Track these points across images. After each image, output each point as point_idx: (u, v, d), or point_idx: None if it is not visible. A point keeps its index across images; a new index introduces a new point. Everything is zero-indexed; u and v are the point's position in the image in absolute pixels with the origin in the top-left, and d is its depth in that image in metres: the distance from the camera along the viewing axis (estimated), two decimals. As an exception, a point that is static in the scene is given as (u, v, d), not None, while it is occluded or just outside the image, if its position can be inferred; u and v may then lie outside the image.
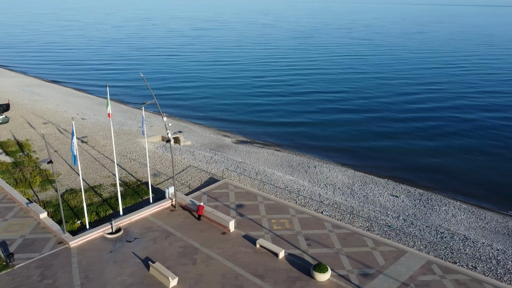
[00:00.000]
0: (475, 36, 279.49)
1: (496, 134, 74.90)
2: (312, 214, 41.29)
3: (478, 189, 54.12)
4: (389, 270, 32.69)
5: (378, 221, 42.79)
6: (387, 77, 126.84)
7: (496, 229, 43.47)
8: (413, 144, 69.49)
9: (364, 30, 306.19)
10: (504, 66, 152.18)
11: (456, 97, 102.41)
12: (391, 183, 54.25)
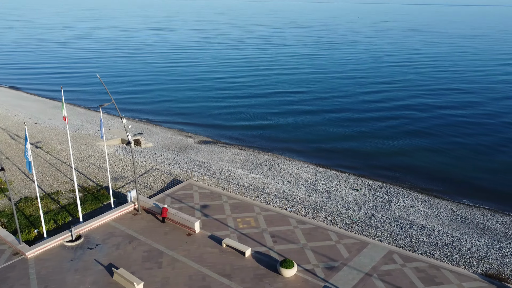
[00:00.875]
0: (427, 34, 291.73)
1: (448, 129, 78.67)
2: (277, 211, 41.70)
3: (433, 180, 56.67)
4: (353, 262, 33.60)
5: (341, 214, 43.86)
6: (345, 76, 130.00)
7: (450, 217, 45.73)
8: (371, 140, 71.70)
9: (322, 29, 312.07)
10: (454, 64, 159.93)
11: (411, 94, 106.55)
12: (352, 177, 55.75)
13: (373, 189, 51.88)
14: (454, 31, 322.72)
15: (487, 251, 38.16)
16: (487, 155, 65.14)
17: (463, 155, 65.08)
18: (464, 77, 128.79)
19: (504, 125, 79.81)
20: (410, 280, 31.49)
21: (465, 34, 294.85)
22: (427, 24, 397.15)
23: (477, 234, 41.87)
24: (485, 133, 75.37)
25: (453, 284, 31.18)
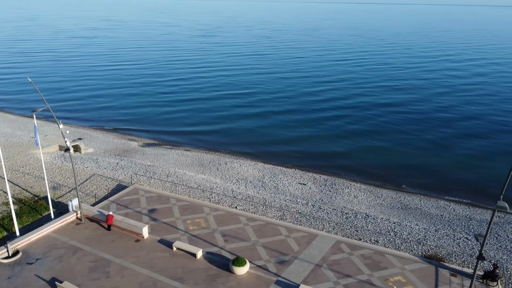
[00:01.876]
0: (363, 32, 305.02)
1: (385, 124, 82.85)
2: (227, 210, 41.66)
3: (374, 170, 59.47)
4: (303, 255, 34.43)
5: (290, 209, 44.74)
6: (288, 75, 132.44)
7: (391, 204, 48.28)
8: (316, 137, 73.76)
9: (264, 28, 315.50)
10: (388, 61, 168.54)
11: (351, 91, 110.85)
12: (298, 172, 57.03)
13: (319, 183, 53.44)
14: (388, 28, 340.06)
15: (425, 234, 40.72)
16: (420, 146, 69.41)
17: (399, 146, 68.89)
18: (399, 73, 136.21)
19: (436, 118, 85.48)
20: (358, 267, 32.84)
21: (398, 31, 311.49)
22: (362, 23, 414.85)
23: (416, 219, 44.56)
24: (419, 126, 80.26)
25: (397, 267, 32.96)
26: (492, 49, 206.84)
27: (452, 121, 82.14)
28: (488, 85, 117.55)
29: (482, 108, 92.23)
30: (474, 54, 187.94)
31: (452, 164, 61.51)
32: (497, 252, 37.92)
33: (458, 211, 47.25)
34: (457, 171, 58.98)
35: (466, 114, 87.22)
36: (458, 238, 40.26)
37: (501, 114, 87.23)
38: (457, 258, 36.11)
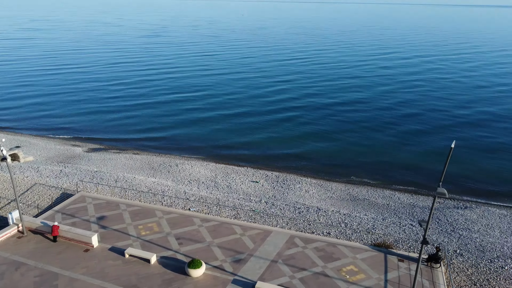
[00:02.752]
0: (308, 30, 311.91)
1: (334, 120, 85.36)
2: (180, 213, 41.03)
3: (323, 165, 61.12)
4: (259, 252, 34.70)
5: (243, 207, 44.89)
6: (236, 74, 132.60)
7: (341, 196, 49.90)
8: (266, 134, 74.49)
9: (210, 27, 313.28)
10: (335, 58, 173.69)
11: (300, 89, 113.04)
12: (250, 170, 57.35)
13: (271, 179, 54.08)
14: (333, 27, 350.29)
15: (373, 223, 42.51)
16: (365, 140, 72.28)
17: (346, 142, 71.30)
18: (346, 71, 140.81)
19: (381, 113, 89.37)
20: (312, 260, 33.64)
21: (342, 29, 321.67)
22: (308, 22, 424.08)
23: (364, 209, 46.38)
24: (364, 121, 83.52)
25: (349, 257, 34.15)
26: (431, 46, 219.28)
27: (395, 116, 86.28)
28: (430, 81, 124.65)
29: (424, 102, 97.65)
30: (411, 51, 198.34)
31: (395, 155, 64.62)
32: (439, 235, 40.40)
33: (402, 199, 49.76)
34: (400, 162, 62.05)
35: (409, 109, 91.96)
36: (404, 225, 42.41)
37: (441, 108, 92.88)
38: (403, 244, 38.02)
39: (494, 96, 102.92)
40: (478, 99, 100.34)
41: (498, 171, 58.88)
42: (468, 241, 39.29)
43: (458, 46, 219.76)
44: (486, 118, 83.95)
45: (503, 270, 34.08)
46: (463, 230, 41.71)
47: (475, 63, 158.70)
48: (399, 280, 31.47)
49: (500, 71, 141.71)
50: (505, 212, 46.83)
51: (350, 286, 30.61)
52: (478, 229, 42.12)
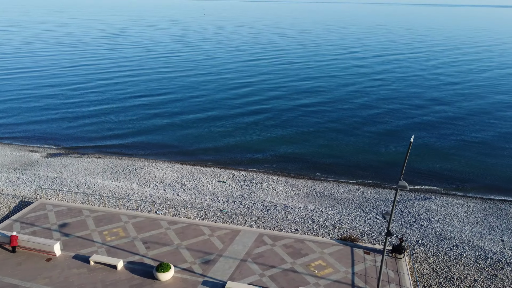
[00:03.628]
0: (272, 29, 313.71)
1: (297, 116, 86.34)
2: (146, 216, 40.27)
3: (289, 162, 61.79)
4: (228, 252, 34.63)
5: (211, 208, 44.65)
6: (201, 74, 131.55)
7: (307, 193, 50.64)
8: (230, 134, 74.37)
9: (172, 27, 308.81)
10: (299, 57, 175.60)
11: (265, 89, 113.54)
12: (217, 170, 57.10)
13: (238, 179, 54.09)
14: (295, 26, 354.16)
15: (339, 218, 43.44)
16: (329, 136, 73.70)
17: (310, 138, 72.42)
18: (310, 71, 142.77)
19: (344, 110, 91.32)
20: (281, 257, 33.95)
21: (304, 29, 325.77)
22: (270, 21, 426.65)
23: (330, 204, 47.31)
24: (327, 118, 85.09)
25: (316, 252, 34.73)
26: (392, 44, 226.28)
27: (357, 114, 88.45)
28: (391, 78, 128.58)
29: (385, 101, 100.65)
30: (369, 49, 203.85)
31: (358, 151, 66.27)
32: (402, 227, 41.85)
33: (366, 193, 51.14)
34: (364, 158, 63.71)
35: (370, 107, 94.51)
36: (369, 218, 43.61)
37: (401, 106, 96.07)
38: (369, 236, 39.09)
39: (452, 94, 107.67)
40: (436, 97, 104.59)
41: (455, 163, 61.66)
42: (429, 231, 40.93)
43: (419, 44, 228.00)
44: (444, 116, 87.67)
45: (462, 257, 35.75)
46: (424, 220, 43.40)
47: (437, 61, 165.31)
48: (366, 272, 32.34)
49: (453, 69, 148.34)
50: (462, 202, 49.14)
51: (319, 281, 31.14)
52: (438, 219, 43.96)
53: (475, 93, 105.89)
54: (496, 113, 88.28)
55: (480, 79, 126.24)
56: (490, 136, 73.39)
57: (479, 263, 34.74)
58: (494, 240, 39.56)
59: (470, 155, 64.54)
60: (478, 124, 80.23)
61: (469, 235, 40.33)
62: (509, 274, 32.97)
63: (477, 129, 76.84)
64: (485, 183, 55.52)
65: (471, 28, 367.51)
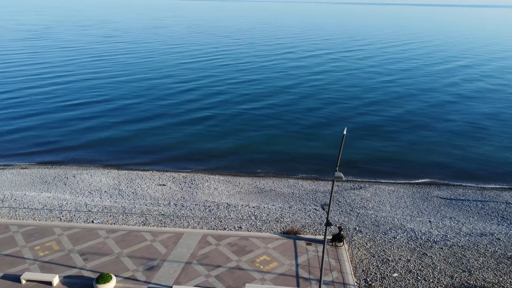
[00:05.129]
0: (208, 29, 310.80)
1: (237, 118, 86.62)
2: (82, 227, 38.25)
3: (229, 161, 61.91)
4: (172, 255, 33.96)
5: (152, 213, 43.47)
6: (134, 75, 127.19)
7: (249, 190, 51.11)
8: (167, 136, 72.88)
9: (103, 27, 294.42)
10: (239, 57, 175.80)
11: (204, 90, 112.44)
12: (156, 173, 55.69)
13: (178, 181, 53.18)
14: (234, 25, 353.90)
15: (281, 212, 44.38)
16: (267, 133, 74.92)
17: (250, 137, 73.13)
18: (247, 68, 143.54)
19: (280, 106, 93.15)
20: (226, 256, 33.96)
21: (241, 27, 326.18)
22: (205, 20, 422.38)
23: (272, 200, 48.16)
24: (266, 116, 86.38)
25: (261, 248, 35.20)
26: (324, 42, 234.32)
27: (295, 110, 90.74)
28: (327, 76, 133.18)
29: (321, 96, 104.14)
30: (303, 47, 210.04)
31: (296, 147, 68.04)
32: (340, 216, 43.73)
33: (305, 186, 52.74)
34: (301, 152, 65.55)
35: (307, 102, 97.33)
36: (309, 210, 45.02)
37: (335, 100, 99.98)
38: (310, 228, 40.36)
39: (384, 86, 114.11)
40: (369, 92, 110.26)
41: (386, 153, 65.52)
42: (365, 218, 43.18)
43: (355, 43, 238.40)
44: (375, 108, 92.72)
45: (395, 240, 38.16)
46: (360, 208, 45.70)
47: (373, 58, 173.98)
48: (309, 262, 33.39)
49: (387, 67, 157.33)
50: (392, 188, 52.43)
51: (265, 276, 31.62)
52: (372, 206, 46.52)
53: (404, 90, 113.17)
54: (422, 107, 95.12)
55: (410, 76, 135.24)
56: (415, 126, 78.98)
57: (410, 244, 37.30)
58: (422, 222, 42.70)
59: (398, 144, 68.99)
60: (405, 117, 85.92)
61: (400, 219, 43.14)
62: (437, 252, 35.79)
63: (404, 122, 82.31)
64: (412, 169, 59.66)
65: (404, 27, 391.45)
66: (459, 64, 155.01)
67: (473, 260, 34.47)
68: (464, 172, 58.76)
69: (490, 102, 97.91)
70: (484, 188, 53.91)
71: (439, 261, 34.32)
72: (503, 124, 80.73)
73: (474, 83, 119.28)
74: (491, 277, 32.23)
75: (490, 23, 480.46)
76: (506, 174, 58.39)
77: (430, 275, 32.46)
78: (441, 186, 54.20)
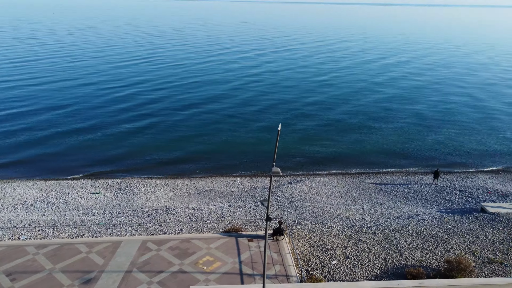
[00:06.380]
0: (138, 28, 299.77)
1: (171, 119, 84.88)
2: (7, 244, 35.29)
3: (166, 163, 60.54)
4: (110, 266, 32.54)
5: (86, 223, 41.28)
6: (63, 80, 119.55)
7: (188, 192, 50.43)
8: (97, 142, 69.61)
9: (24, 28, 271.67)
10: (178, 57, 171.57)
11: (138, 91, 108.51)
12: (88, 181, 52.93)
13: (113, 187, 51.02)
14: (166, 24, 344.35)
15: (222, 211, 44.35)
16: (203, 132, 74.39)
17: (184, 136, 72.11)
18: (187, 69, 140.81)
19: (214, 103, 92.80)
20: (168, 260, 33.24)
21: (174, 27, 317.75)
22: (137, 20, 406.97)
23: (212, 199, 47.96)
24: (200, 115, 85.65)
25: (203, 249, 34.92)
26: (256, 41, 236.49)
27: (229, 107, 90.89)
28: (261, 74, 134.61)
29: (259, 93, 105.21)
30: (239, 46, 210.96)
31: (234, 145, 68.26)
32: (279, 210, 44.71)
33: (244, 184, 53.18)
34: (238, 150, 65.91)
35: (240, 98, 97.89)
36: (249, 207, 45.48)
37: (270, 97, 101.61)
38: (251, 225, 40.79)
39: (316, 86, 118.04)
40: (303, 88, 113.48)
41: (319, 146, 67.99)
42: (303, 210, 44.55)
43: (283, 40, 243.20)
44: (310, 104, 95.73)
45: (332, 228, 39.83)
46: (298, 201, 47.05)
47: (303, 56, 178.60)
48: (252, 258, 33.75)
49: (321, 66, 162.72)
50: (327, 179, 54.63)
51: (209, 276, 31.43)
52: (310, 198, 48.13)
53: (335, 83, 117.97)
54: (352, 103, 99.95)
55: (338, 69, 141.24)
56: (345, 121, 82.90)
57: (346, 231, 39.16)
58: (356, 210, 45.02)
59: (331, 138, 71.95)
60: (336, 112, 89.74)
61: (336, 208, 45.11)
62: (371, 237, 37.94)
63: (336, 116, 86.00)
64: (344, 160, 62.57)
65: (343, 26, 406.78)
66: (384, 62, 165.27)
67: (403, 241, 37.00)
68: (391, 160, 62.85)
69: (413, 94, 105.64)
70: (409, 173, 58.11)
71: (373, 245, 36.40)
72: (418, 114, 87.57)
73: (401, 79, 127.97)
74: (419, 255, 34.85)
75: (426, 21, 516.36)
76: (426, 158, 63.41)
77: (366, 259, 34.34)
78: (372, 175, 57.50)
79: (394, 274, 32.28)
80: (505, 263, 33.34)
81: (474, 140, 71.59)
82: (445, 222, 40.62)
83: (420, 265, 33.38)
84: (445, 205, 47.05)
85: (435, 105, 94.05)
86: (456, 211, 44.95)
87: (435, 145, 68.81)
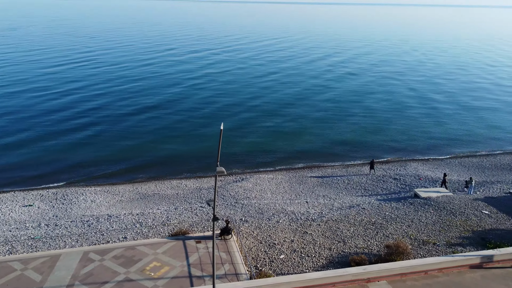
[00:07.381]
0: (69, 29, 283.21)
1: (105, 122, 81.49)
2: None
3: (106, 169, 58.07)
4: (49, 281, 30.62)
5: (19, 238, 38.48)
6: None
7: (131, 197, 48.77)
8: (27, 149, 65.19)
9: None
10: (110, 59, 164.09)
11: (83, 96, 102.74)
12: (19, 194, 49.37)
13: (48, 198, 48.04)
14: (96, 25, 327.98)
15: (167, 215, 43.42)
16: (140, 136, 72.35)
17: (122, 140, 69.69)
18: (126, 72, 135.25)
19: (163, 108, 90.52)
20: (112, 270, 31.94)
21: (106, 27, 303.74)
22: (67, 19, 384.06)
23: (156, 204, 46.79)
24: (142, 119, 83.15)
25: (150, 255, 33.97)
26: (206, 41, 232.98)
27: (169, 108, 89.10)
28: (204, 75, 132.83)
29: (196, 96, 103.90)
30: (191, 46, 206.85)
31: (176, 147, 67.08)
32: (226, 209, 44.68)
33: (189, 185, 52.48)
34: (180, 152, 64.83)
35: (183, 102, 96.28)
36: (195, 209, 44.96)
37: (210, 99, 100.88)
38: (198, 226, 40.36)
39: (259, 82, 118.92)
40: (245, 87, 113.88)
41: (261, 144, 68.82)
42: (249, 208, 44.88)
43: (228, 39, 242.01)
44: (250, 104, 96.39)
45: (278, 224, 40.55)
46: (244, 199, 47.31)
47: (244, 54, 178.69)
48: (200, 260, 33.42)
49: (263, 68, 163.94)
50: (272, 176, 55.49)
51: (157, 282, 30.66)
52: (255, 195, 48.59)
53: (274, 85, 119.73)
54: (290, 100, 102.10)
55: (287, 68, 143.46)
56: (287, 117, 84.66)
57: (292, 225, 40.05)
58: (300, 203, 46.19)
59: (273, 135, 73.14)
60: (276, 110, 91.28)
61: (281, 204, 45.97)
62: (316, 229, 39.13)
63: (277, 114, 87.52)
64: (287, 156, 63.92)
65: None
66: (317, 57, 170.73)
67: (345, 231, 38.58)
68: (331, 153, 65.23)
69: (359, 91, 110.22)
70: (348, 165, 60.68)
71: (318, 237, 37.58)
72: (354, 111, 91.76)
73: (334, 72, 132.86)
74: (361, 242, 36.54)
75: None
76: (363, 150, 66.62)
77: (312, 251, 35.36)
78: (313, 169, 59.29)
79: (339, 263, 33.57)
80: (438, 243, 35.98)
81: (404, 131, 76.46)
82: (383, 210, 42.95)
83: (362, 252, 35.00)
84: (383, 193, 49.75)
85: (373, 102, 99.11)
86: (393, 198, 47.71)
87: (370, 137, 72.52)
